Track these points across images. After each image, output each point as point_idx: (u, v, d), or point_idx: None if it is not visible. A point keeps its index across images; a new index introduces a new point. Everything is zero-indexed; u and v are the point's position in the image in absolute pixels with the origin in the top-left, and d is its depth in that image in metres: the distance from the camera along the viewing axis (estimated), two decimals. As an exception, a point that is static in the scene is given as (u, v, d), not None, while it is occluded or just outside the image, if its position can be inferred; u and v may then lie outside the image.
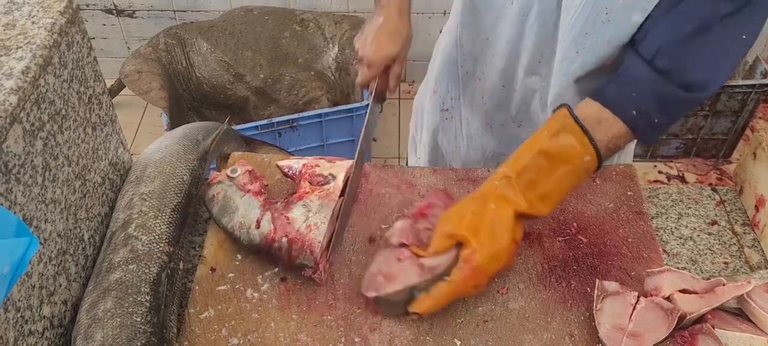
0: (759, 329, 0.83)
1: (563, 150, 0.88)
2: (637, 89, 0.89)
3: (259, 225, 0.93)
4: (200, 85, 2.35)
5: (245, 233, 0.94)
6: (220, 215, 0.96)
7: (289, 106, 2.39)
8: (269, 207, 0.95)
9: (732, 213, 1.08)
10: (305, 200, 0.95)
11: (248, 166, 1.00)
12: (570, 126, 0.88)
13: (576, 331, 0.88)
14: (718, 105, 2.34)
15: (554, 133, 0.89)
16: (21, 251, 0.61)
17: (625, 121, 0.89)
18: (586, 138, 0.87)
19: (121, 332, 0.80)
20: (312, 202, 0.95)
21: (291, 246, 0.92)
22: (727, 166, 2.51)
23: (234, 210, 0.95)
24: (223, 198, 0.97)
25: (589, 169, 0.89)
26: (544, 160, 0.88)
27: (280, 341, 0.87)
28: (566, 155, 0.88)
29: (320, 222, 0.93)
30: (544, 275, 0.95)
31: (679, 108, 0.91)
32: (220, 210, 0.96)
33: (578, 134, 0.87)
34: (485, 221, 0.86)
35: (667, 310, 0.83)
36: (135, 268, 0.87)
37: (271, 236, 0.92)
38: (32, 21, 0.85)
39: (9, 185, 0.75)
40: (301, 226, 0.92)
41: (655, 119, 0.89)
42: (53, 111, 0.84)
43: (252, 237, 0.93)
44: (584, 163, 0.88)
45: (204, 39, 2.33)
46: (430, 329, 0.88)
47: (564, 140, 0.88)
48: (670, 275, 0.88)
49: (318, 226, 0.92)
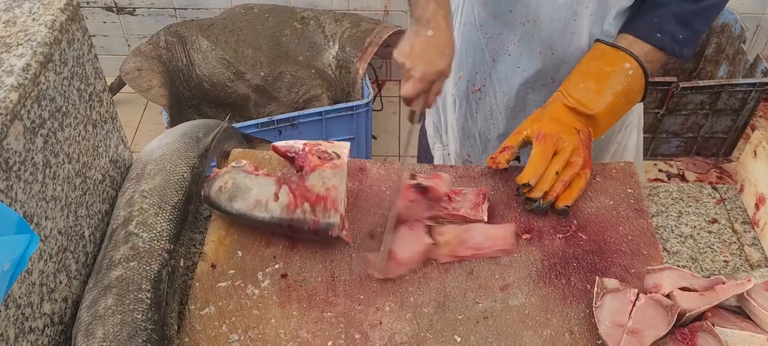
0: (759, 327, 0.83)
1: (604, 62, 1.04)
2: (658, 15, 1.05)
3: (277, 198, 0.93)
4: (201, 82, 2.35)
5: (263, 209, 0.93)
6: (231, 201, 0.95)
7: (289, 104, 2.39)
8: (285, 180, 0.96)
9: (732, 211, 1.08)
10: (318, 170, 0.96)
11: (250, 162, 1.00)
12: (603, 47, 1.06)
13: (576, 328, 0.88)
14: (719, 103, 2.34)
15: (593, 57, 1.06)
16: (21, 248, 0.61)
17: (653, 43, 1.05)
18: (621, 51, 1.03)
19: (121, 329, 0.81)
20: (325, 171, 0.96)
21: (314, 208, 0.92)
22: (728, 164, 2.51)
23: (247, 191, 0.95)
24: (233, 185, 0.96)
25: (635, 81, 1.03)
26: (588, 73, 1.04)
27: (280, 338, 0.87)
28: (608, 63, 1.03)
29: (338, 183, 0.93)
30: (544, 272, 0.95)
31: (696, 20, 1.06)
32: (231, 197, 0.95)
33: (613, 49, 1.04)
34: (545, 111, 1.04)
35: (667, 307, 0.83)
36: (136, 265, 0.87)
37: (292, 205, 0.92)
38: (33, 18, 0.85)
39: (10, 182, 0.75)
40: (320, 189, 0.93)
41: (679, 36, 1.05)
42: (54, 108, 0.85)
43: (272, 210, 0.93)
44: (625, 70, 1.03)
45: (204, 37, 2.33)
46: (430, 326, 0.88)
47: (603, 57, 1.04)
48: (671, 272, 0.88)
49: (337, 186, 0.93)
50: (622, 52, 1.04)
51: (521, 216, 1.02)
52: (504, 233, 0.98)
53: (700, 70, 2.70)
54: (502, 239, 0.97)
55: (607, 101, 1.02)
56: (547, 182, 0.99)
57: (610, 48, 1.05)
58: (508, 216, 1.02)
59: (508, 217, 1.02)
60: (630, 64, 1.03)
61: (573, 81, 1.05)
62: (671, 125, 2.44)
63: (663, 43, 1.05)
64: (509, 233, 0.98)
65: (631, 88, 1.04)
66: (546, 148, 0.99)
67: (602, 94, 1.02)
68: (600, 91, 1.02)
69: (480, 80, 1.27)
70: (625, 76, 1.03)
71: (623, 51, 1.04)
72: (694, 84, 2.29)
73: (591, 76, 1.04)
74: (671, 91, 2.30)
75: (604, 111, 1.03)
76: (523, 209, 1.02)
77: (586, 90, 1.03)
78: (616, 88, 1.02)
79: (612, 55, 1.04)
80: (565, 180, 1.00)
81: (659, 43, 1.05)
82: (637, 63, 1.03)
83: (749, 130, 2.45)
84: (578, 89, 1.03)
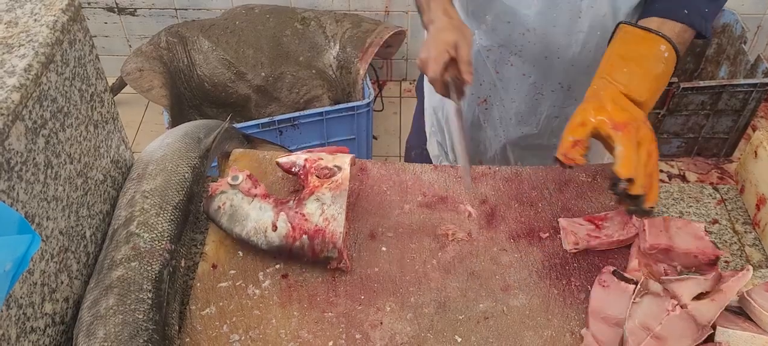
0: (760, 328, 0.83)
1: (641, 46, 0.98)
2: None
3: (275, 227, 0.93)
4: (201, 83, 2.35)
5: (263, 238, 0.93)
6: (231, 224, 0.95)
7: (290, 104, 2.39)
8: (282, 207, 0.95)
9: (733, 212, 1.08)
10: (317, 193, 0.95)
11: (246, 171, 0.99)
12: (632, 30, 1.00)
13: (576, 328, 0.88)
14: (720, 104, 2.34)
15: (627, 41, 0.99)
16: (23, 248, 0.61)
17: (682, 20, 0.99)
18: (653, 33, 0.97)
19: (123, 329, 0.81)
20: (324, 195, 0.95)
21: (312, 242, 0.92)
22: (729, 165, 2.50)
23: (245, 218, 0.94)
24: (231, 207, 0.95)
25: (670, 63, 0.98)
26: (628, 58, 0.97)
27: (281, 338, 0.87)
28: (645, 47, 0.98)
29: (337, 213, 0.93)
30: (544, 273, 0.95)
31: None
32: (230, 220, 0.95)
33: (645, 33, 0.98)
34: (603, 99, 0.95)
35: (700, 325, 0.83)
36: (137, 265, 0.87)
37: (291, 236, 0.92)
38: (34, 19, 0.85)
39: (11, 182, 0.75)
40: (318, 220, 0.92)
41: (705, 9, 1.01)
42: (55, 109, 0.85)
43: (271, 241, 0.93)
44: (662, 53, 0.97)
45: (205, 37, 2.33)
46: (431, 326, 0.88)
47: (638, 41, 0.99)
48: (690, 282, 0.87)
49: (335, 217, 0.92)
50: (655, 35, 0.98)
51: (521, 216, 1.02)
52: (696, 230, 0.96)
53: (700, 70, 2.69)
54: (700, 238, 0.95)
55: (652, 87, 0.96)
56: (643, 175, 0.90)
57: (642, 31, 0.99)
58: (508, 217, 1.02)
59: (509, 217, 1.02)
60: (665, 46, 0.97)
61: (615, 66, 0.98)
62: (672, 126, 2.44)
63: (692, 20, 1.00)
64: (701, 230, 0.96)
65: (668, 70, 0.98)
66: (632, 138, 0.91)
67: (647, 79, 0.96)
68: (645, 76, 0.96)
69: (485, 92, 1.27)
70: (662, 60, 0.97)
71: (655, 33, 0.98)
72: (695, 84, 2.29)
73: (632, 61, 0.97)
74: (672, 92, 2.30)
75: (651, 97, 0.97)
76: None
77: (632, 75, 0.96)
78: (657, 71, 0.97)
79: (646, 39, 0.98)
80: (650, 173, 0.92)
81: (688, 19, 1.00)
82: (670, 45, 0.97)
83: (750, 130, 2.44)
84: (624, 74, 0.96)
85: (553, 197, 1.05)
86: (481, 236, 1.00)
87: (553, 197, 1.05)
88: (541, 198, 1.05)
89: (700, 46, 2.64)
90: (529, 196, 1.06)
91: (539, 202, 1.05)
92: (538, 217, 1.02)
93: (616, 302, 0.88)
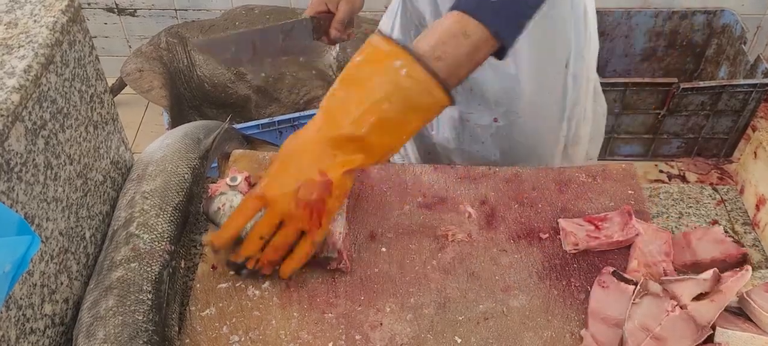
0: (760, 329, 0.83)
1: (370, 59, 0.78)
2: None
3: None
4: (201, 83, 2.35)
5: None
6: None
7: (290, 105, 2.39)
8: None
9: (733, 212, 1.08)
10: None
11: (245, 173, 0.97)
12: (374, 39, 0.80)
13: (577, 329, 0.88)
14: (720, 104, 2.34)
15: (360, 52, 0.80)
16: (23, 249, 0.61)
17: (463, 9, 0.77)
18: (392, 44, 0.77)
19: (123, 331, 0.81)
20: None
21: None
22: (728, 165, 2.50)
23: None
24: (230, 208, 0.94)
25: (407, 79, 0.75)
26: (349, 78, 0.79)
27: (281, 339, 0.87)
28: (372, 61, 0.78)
29: (337, 214, 0.92)
30: (544, 274, 0.95)
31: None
32: None
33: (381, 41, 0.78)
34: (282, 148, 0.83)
35: (700, 326, 0.82)
36: (137, 266, 0.87)
37: None
38: (34, 20, 0.85)
39: (11, 183, 0.75)
40: None
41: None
42: (55, 110, 0.85)
43: None
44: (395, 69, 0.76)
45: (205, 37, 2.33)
46: (431, 327, 0.88)
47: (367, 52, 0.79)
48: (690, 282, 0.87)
49: (335, 218, 0.92)
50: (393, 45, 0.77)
51: (521, 218, 1.02)
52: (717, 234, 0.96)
53: (700, 71, 2.70)
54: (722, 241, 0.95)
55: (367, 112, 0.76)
56: (249, 247, 0.85)
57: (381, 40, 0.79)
58: (508, 217, 1.02)
59: (509, 218, 1.02)
60: (402, 62, 0.75)
61: (333, 91, 0.81)
62: (672, 126, 2.44)
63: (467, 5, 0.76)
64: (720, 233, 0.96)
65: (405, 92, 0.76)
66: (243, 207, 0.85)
67: (362, 106, 0.76)
68: (360, 102, 0.77)
69: None
70: (394, 76, 0.76)
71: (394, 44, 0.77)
72: (695, 85, 2.29)
73: (353, 84, 0.78)
74: (672, 92, 2.30)
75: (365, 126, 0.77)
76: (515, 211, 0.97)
77: (345, 103, 0.78)
78: (378, 94, 0.76)
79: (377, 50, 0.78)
80: (277, 245, 0.85)
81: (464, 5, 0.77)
82: (411, 58, 0.75)
83: (750, 131, 2.44)
84: (336, 101, 0.79)
85: (553, 198, 1.05)
86: (481, 236, 1.00)
87: (553, 198, 1.05)
88: (541, 199, 1.05)
89: (699, 47, 2.64)
90: (529, 196, 1.06)
91: (539, 202, 1.05)
92: (538, 218, 1.02)
93: (615, 303, 0.88)
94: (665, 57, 2.68)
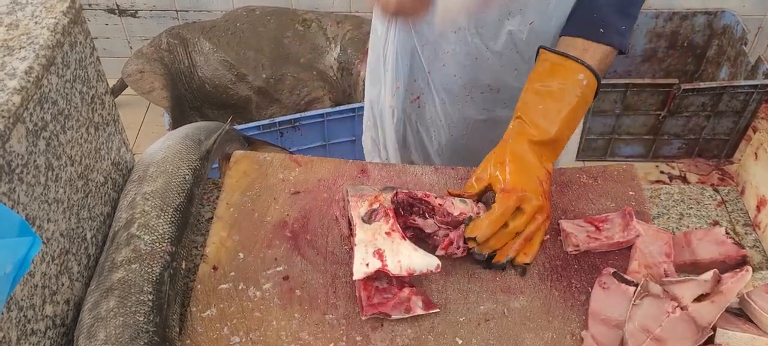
0: (761, 330, 0.83)
1: (557, 76, 0.99)
2: (596, 8, 1.03)
3: None
4: (202, 84, 2.35)
5: None
6: None
7: (291, 106, 2.39)
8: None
9: (733, 213, 1.08)
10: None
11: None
12: (551, 57, 1.01)
13: (577, 330, 0.88)
14: (721, 105, 2.34)
15: (544, 71, 1.00)
16: (24, 250, 0.61)
17: (601, 41, 1.01)
18: (569, 59, 0.99)
19: (123, 332, 0.81)
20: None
21: None
22: (729, 166, 2.50)
23: None
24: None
25: (588, 87, 0.99)
26: (544, 94, 0.99)
27: (281, 340, 0.87)
28: (562, 76, 0.99)
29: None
30: (545, 275, 0.95)
31: (633, 6, 1.05)
32: None
33: (563, 60, 1.00)
34: (507, 155, 0.97)
35: (700, 327, 0.82)
36: (138, 267, 0.87)
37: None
38: (35, 21, 0.86)
39: (12, 184, 0.75)
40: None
41: (622, 27, 1.02)
42: (56, 111, 0.85)
43: None
44: (579, 80, 0.98)
45: (206, 39, 2.33)
46: (431, 328, 0.88)
47: (555, 70, 1.00)
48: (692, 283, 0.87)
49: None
50: (573, 62, 0.99)
51: (522, 218, 1.02)
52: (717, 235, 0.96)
53: (701, 72, 2.70)
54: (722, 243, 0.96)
55: (567, 119, 0.98)
56: (501, 239, 0.94)
57: (560, 58, 1.00)
58: (509, 218, 1.02)
59: (510, 219, 1.02)
60: (584, 74, 0.98)
61: (530, 104, 0.99)
62: (673, 127, 2.44)
63: (610, 39, 1.01)
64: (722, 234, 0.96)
65: (586, 98, 0.99)
66: (508, 205, 0.93)
67: (561, 114, 0.97)
68: (559, 111, 0.97)
69: (418, 89, 1.24)
70: (579, 88, 0.98)
71: (573, 60, 0.99)
72: (696, 86, 2.29)
73: (548, 96, 0.99)
74: (673, 93, 2.30)
75: (565, 131, 0.99)
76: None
77: (547, 112, 0.98)
78: (573, 103, 0.98)
79: (563, 67, 1.00)
80: (527, 235, 0.95)
81: (606, 39, 1.01)
82: (589, 72, 0.99)
83: (751, 132, 2.44)
84: (538, 113, 0.98)
85: (553, 199, 1.05)
86: (482, 237, 1.00)
87: (554, 199, 1.05)
88: (541, 200, 1.05)
89: (700, 48, 2.64)
90: (529, 198, 1.05)
91: (540, 204, 1.05)
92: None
93: (616, 304, 0.88)
94: (666, 58, 2.68)
